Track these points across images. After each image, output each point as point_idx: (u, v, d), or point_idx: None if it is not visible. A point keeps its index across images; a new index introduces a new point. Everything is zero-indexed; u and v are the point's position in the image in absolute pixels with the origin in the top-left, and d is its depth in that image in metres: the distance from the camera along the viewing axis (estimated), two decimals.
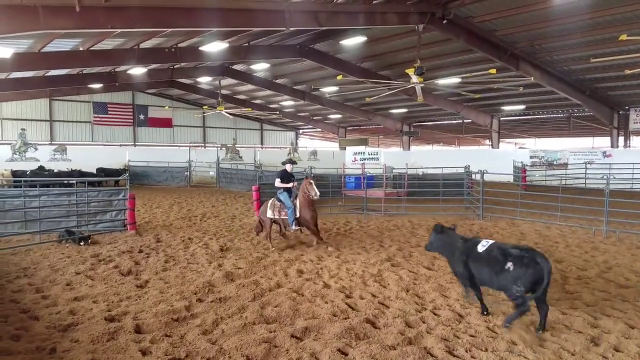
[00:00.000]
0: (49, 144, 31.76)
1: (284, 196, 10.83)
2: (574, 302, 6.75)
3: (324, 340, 5.43)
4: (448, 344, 5.34)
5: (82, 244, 10.84)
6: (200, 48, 19.69)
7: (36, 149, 28.82)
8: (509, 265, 5.63)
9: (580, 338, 5.47)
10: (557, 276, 8.08)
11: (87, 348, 5.30)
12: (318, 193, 10.48)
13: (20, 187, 15.35)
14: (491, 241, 6.20)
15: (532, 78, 19.30)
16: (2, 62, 16.78)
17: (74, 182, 16.84)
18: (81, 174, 22.68)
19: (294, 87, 31.31)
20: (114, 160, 29.12)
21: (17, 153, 28.00)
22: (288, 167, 11.38)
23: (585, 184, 21.78)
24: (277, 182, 11.00)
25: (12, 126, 31.85)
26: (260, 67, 26.17)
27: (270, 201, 10.98)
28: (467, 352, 5.18)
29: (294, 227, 10.69)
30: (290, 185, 10.93)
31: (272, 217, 10.78)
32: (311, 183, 10.56)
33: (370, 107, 36.02)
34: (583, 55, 19.52)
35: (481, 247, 6.10)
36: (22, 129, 30.93)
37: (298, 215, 10.59)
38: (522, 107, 30.26)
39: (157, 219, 15.19)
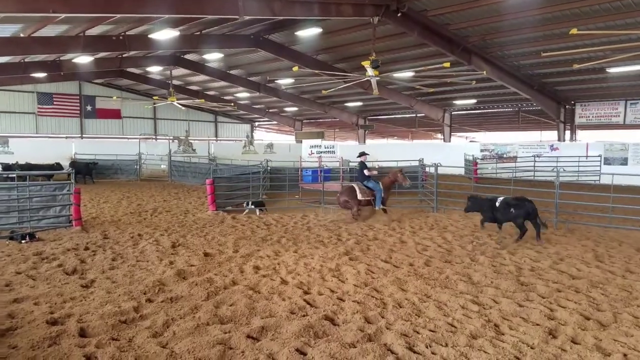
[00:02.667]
0: None
1: (372, 183, 13.19)
2: (529, 294, 6.84)
3: (281, 340, 5.26)
4: (408, 340, 5.27)
5: (24, 241, 10.22)
6: (150, 36, 18.93)
7: None
8: (512, 209, 10.17)
9: (538, 331, 5.50)
10: (511, 268, 8.24)
11: (26, 354, 4.93)
12: (410, 182, 13.42)
13: None
14: (501, 197, 10.56)
15: (485, 72, 19.68)
16: None
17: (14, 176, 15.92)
18: (30, 167, 21.54)
19: (249, 79, 30.80)
20: (60, 153, 27.78)
21: None
22: (364, 158, 13.61)
23: (534, 176, 22.49)
24: (366, 172, 13.32)
25: None
26: (213, 57, 25.53)
27: (356, 186, 13.11)
28: (427, 347, 5.12)
29: (380, 206, 13.17)
30: (374, 172, 13.84)
31: (362, 199, 12.96)
32: (404, 175, 13.23)
33: (326, 100, 35.96)
34: (533, 51, 20.05)
35: (497, 202, 10.42)
36: None
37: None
38: (473, 101, 30.96)
39: (105, 214, 14.56)
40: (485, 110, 34.31)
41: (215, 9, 14.29)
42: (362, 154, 13.79)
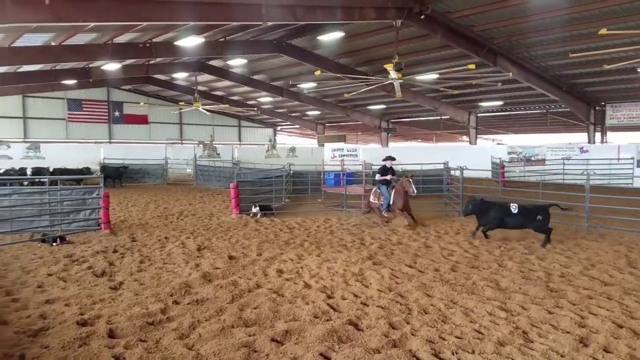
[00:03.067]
0: (23, 142, 30.87)
1: (383, 188, 13.31)
2: (559, 301, 6.68)
3: (305, 344, 5.26)
4: (434, 346, 5.20)
5: (55, 244, 10.49)
6: (176, 43, 19.26)
7: (9, 147, 28.01)
8: (538, 217, 10.30)
9: (568, 338, 5.36)
10: (540, 274, 8.06)
11: (57, 354, 5.04)
12: (415, 190, 12.92)
13: None
14: (514, 204, 10.56)
15: (511, 74, 19.39)
16: None
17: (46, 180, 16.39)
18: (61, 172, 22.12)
19: (272, 83, 30.98)
20: (89, 158, 28.43)
21: None
22: (387, 163, 13.66)
23: (564, 179, 22.02)
24: (377, 176, 13.66)
25: None
26: (237, 63, 25.80)
27: (374, 189, 13.70)
28: (453, 354, 5.05)
29: (384, 212, 13.34)
30: (387, 177, 13.49)
31: (374, 202, 13.54)
32: (410, 181, 12.81)
33: (348, 104, 35.92)
34: (561, 51, 19.65)
35: (513, 209, 10.46)
36: None
37: (391, 202, 13.03)
38: (499, 103, 30.49)
39: (133, 217, 14.83)
40: (512, 112, 33.76)
41: (239, 15, 14.41)
42: (388, 158, 13.94)
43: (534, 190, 15.42)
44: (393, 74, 15.09)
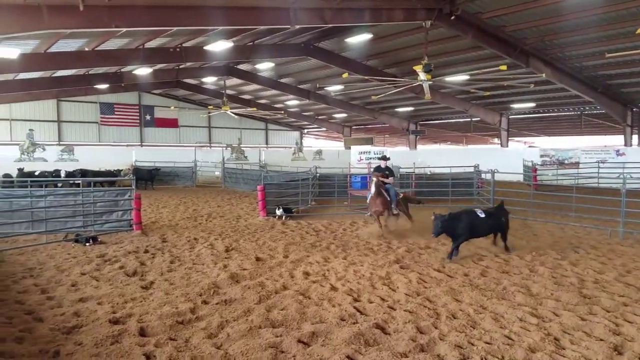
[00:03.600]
0: (57, 144, 31.80)
1: (391, 190, 12.54)
2: (592, 308, 6.49)
3: (332, 346, 5.24)
4: (462, 352, 5.11)
5: (88, 244, 10.75)
6: (205, 47, 19.55)
7: (44, 149, 28.86)
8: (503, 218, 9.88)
9: (602, 346, 5.20)
10: (573, 280, 7.85)
11: (90, 351, 5.17)
12: (373, 190, 12.13)
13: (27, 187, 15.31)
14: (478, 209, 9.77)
15: (544, 75, 18.96)
16: (9, 62, 16.74)
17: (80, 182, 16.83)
18: (94, 174, 22.72)
19: (299, 87, 31.14)
20: (121, 161, 29.09)
21: (25, 153, 28.04)
22: (382, 163, 13.23)
23: (599, 183, 21.40)
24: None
25: (20, 127, 31.84)
26: (265, 67, 26.04)
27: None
28: None
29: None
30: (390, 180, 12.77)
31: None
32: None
33: (375, 106, 35.76)
34: (596, 51, 19.13)
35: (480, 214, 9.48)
36: (30, 130, 31.09)
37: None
38: (532, 105, 29.86)
39: (163, 218, 15.09)
40: (545, 114, 33.00)
41: (267, 19, 14.55)
42: (382, 158, 13.72)
43: (567, 194, 15.05)
44: (422, 76, 14.97)
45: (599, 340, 5.39)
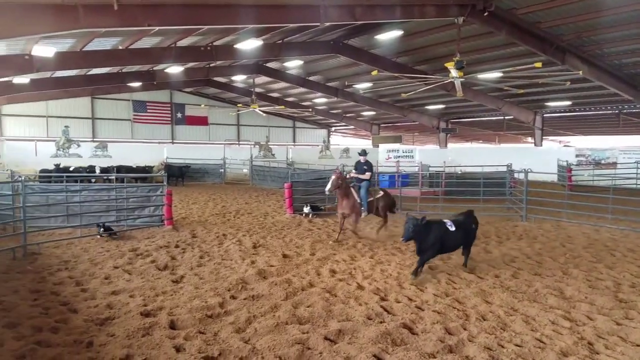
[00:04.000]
0: (91, 141, 32.66)
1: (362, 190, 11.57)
2: (629, 312, 6.30)
3: (358, 345, 5.22)
4: (492, 354, 5.03)
5: (101, 231, 11.12)
6: (235, 46, 19.71)
7: (79, 146, 29.69)
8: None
9: (638, 352, 5.05)
10: (608, 283, 7.61)
11: (122, 343, 5.29)
12: (328, 187, 10.95)
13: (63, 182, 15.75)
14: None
15: (581, 72, 18.42)
16: (45, 61, 17.20)
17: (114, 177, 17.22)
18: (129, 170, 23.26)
19: (327, 84, 31.07)
20: (153, 157, 29.68)
21: (61, 149, 28.87)
22: (362, 158, 12.05)
23: (637, 184, 20.71)
24: (353, 173, 11.92)
25: (56, 123, 32.81)
26: (293, 65, 26.08)
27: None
28: None
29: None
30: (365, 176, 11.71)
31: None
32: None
33: (405, 104, 35.41)
34: (636, 48, 18.46)
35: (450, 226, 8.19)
36: (65, 126, 31.92)
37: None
38: (567, 103, 29.04)
39: (193, 214, 15.30)
40: (581, 113, 32.02)
41: (297, 17, 14.55)
42: (362, 153, 12.26)
43: (603, 196, 14.62)
44: (454, 73, 14.74)
45: (635, 346, 5.24)
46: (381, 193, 11.98)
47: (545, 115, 32.15)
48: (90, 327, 5.77)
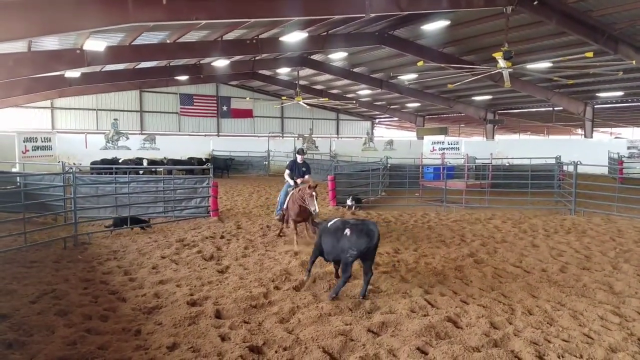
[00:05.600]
0: (140, 134, 33.66)
1: (282, 190, 10.45)
2: None
3: (402, 337, 5.22)
4: (538, 348, 4.94)
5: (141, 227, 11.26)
6: (281, 39, 19.84)
7: (127, 138, 30.61)
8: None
9: None
10: None
11: (169, 331, 5.44)
12: (317, 209, 9.16)
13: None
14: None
15: (634, 62, 17.61)
16: (96, 55, 17.86)
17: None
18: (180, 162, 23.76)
19: (371, 76, 30.84)
20: (200, 150, 30.31)
21: (110, 142, 29.87)
22: (299, 157, 10.70)
23: None
24: (286, 173, 10.60)
25: (106, 116, 34.06)
26: (337, 57, 26.03)
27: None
28: (559, 358, 4.79)
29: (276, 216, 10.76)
30: (293, 181, 10.39)
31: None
32: (313, 195, 9.01)
33: (451, 95, 34.76)
34: None
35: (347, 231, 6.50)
36: (114, 119, 32.97)
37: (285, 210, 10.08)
38: (620, 93, 27.87)
39: (238, 206, 15.59)
40: (633, 104, 30.67)
41: (342, 8, 14.50)
42: (299, 151, 11.03)
43: None
44: (502, 63, 14.38)
45: None
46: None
47: (595, 106, 30.97)
48: (138, 315, 5.95)
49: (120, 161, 24.02)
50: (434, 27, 18.87)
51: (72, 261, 8.64)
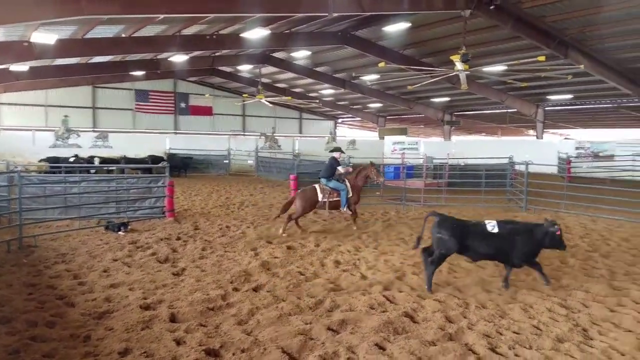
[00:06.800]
0: (92, 131, 32.44)
1: (334, 183, 11.37)
2: (622, 299, 6.41)
3: (361, 334, 5.26)
4: (491, 341, 5.12)
5: (120, 231, 10.83)
6: (242, 35, 19.60)
7: (79, 136, 29.48)
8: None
9: (630, 337, 5.16)
10: (603, 271, 7.75)
11: (121, 337, 5.25)
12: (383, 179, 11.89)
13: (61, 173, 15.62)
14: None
15: (582, 66, 18.41)
16: (46, 48, 17.00)
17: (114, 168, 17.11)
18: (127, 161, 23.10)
19: (334, 75, 30.98)
20: (155, 148, 29.50)
21: (60, 139, 28.73)
22: (337, 154, 11.78)
23: (633, 176, 20.85)
24: (341, 169, 11.76)
25: (56, 113, 32.50)
26: (300, 55, 25.97)
27: (318, 186, 11.38)
28: (510, 349, 4.95)
29: (344, 209, 11.48)
30: (349, 169, 12.02)
31: (323, 200, 11.22)
32: (378, 170, 11.59)
33: (411, 96, 35.34)
34: (637, 43, 18.46)
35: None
36: (65, 116, 31.72)
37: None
38: (569, 96, 29.09)
39: (196, 206, 15.32)
40: (581, 106, 32.08)
41: (305, 6, 14.48)
42: (336, 149, 12.08)
43: (601, 187, 14.74)
44: (459, 66, 14.70)
45: (627, 332, 5.36)
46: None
47: (546, 108, 32.28)
48: (87, 321, 5.71)
49: (71, 160, 23.14)
50: (396, 28, 19.14)
51: (17, 265, 8.21)
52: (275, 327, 5.46)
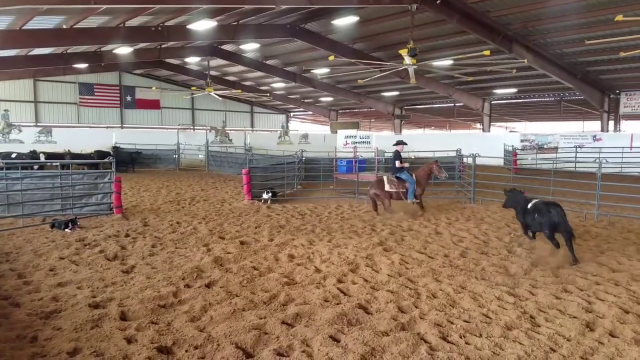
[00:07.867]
0: (34, 126, 31.09)
1: (405, 175, 12.54)
2: (567, 287, 6.71)
3: (315, 327, 5.29)
4: (442, 330, 5.24)
5: (67, 229, 10.47)
6: (188, 27, 19.18)
7: (20, 131, 28.18)
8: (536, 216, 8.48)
9: (575, 323, 5.39)
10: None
11: (69, 336, 5.10)
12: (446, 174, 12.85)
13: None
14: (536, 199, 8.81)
15: (526, 61, 19.13)
16: None
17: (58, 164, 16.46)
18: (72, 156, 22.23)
19: (285, 69, 30.88)
20: (101, 143, 28.51)
21: (0, 135, 27.36)
22: (400, 147, 12.86)
23: (576, 167, 21.85)
24: (398, 163, 12.62)
25: None
26: (250, 48, 25.68)
27: (385, 178, 12.73)
28: (461, 337, 5.08)
29: (412, 199, 12.44)
30: (406, 165, 12.83)
31: (391, 191, 12.52)
32: (440, 166, 12.72)
33: (362, 90, 35.72)
34: (577, 38, 19.35)
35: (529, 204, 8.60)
36: (5, 110, 30.20)
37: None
38: (513, 90, 30.17)
39: (145, 202, 14.94)
40: (526, 100, 33.44)
41: None
42: (399, 142, 13.00)
43: (545, 178, 15.34)
44: (407, 60, 14.96)
45: (572, 318, 5.58)
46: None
47: (492, 102, 33.41)
48: (34, 321, 5.52)
49: (13, 156, 22.04)
50: (344, 22, 19.24)
51: None
52: (229, 322, 5.41)
